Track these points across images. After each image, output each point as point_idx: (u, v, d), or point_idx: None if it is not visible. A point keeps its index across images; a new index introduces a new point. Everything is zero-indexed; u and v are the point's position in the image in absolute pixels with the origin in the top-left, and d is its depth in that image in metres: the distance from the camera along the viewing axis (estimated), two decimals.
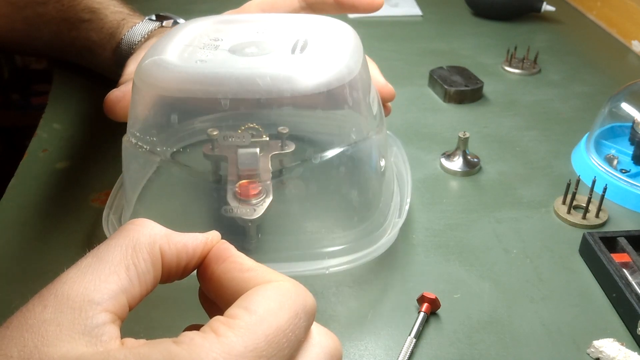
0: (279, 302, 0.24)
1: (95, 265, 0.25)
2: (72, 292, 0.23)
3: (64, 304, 0.23)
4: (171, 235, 0.27)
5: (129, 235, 0.26)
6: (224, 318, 0.24)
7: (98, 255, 0.25)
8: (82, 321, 0.23)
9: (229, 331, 0.23)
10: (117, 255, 0.25)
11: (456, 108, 0.72)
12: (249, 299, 0.24)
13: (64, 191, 0.55)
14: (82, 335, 0.22)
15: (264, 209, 0.46)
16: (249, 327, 0.23)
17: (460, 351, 0.40)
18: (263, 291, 0.25)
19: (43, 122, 0.66)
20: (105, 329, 0.23)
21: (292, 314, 0.24)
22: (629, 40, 0.92)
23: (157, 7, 0.99)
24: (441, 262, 0.48)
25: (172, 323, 0.42)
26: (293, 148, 0.54)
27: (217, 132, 0.52)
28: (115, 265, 0.25)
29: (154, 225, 0.27)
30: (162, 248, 0.26)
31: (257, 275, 0.26)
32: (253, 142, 0.52)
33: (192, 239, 0.28)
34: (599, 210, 0.53)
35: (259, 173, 0.49)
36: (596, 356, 0.40)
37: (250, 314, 0.23)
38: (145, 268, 0.25)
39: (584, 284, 0.46)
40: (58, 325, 0.22)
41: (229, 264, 0.27)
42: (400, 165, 0.54)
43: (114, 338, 0.23)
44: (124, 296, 0.24)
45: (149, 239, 0.26)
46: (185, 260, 0.27)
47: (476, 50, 0.88)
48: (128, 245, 0.26)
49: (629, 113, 0.61)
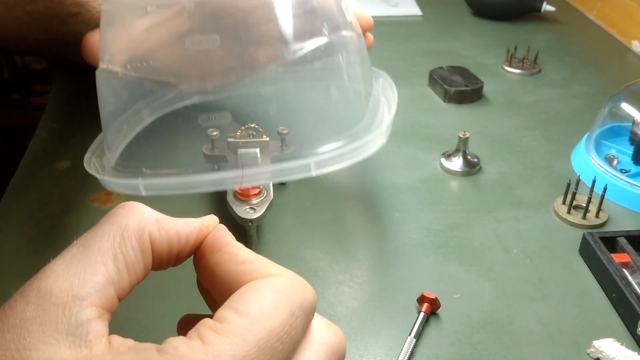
0: (273, 301, 0.23)
1: (81, 255, 0.23)
2: (56, 287, 0.22)
3: (47, 301, 0.22)
4: (162, 221, 0.26)
5: (117, 222, 0.25)
6: (212, 322, 0.22)
7: (84, 245, 0.24)
8: (66, 319, 0.21)
9: (216, 338, 0.21)
10: (104, 243, 0.24)
11: (456, 108, 0.72)
12: (241, 298, 0.23)
13: (64, 191, 0.55)
14: (65, 336, 0.21)
15: (264, 209, 0.46)
16: (238, 333, 0.21)
17: (460, 351, 0.40)
18: (256, 289, 0.23)
19: (43, 122, 0.66)
20: (91, 326, 0.22)
21: (287, 313, 0.23)
22: (629, 40, 0.92)
23: None
24: (441, 262, 0.48)
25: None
26: (293, 148, 0.54)
27: (217, 132, 0.52)
28: (102, 254, 0.23)
29: (145, 209, 0.26)
30: (152, 235, 0.25)
31: (253, 269, 0.25)
32: (253, 142, 0.52)
33: (185, 225, 0.26)
34: (599, 210, 0.53)
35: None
36: (596, 356, 0.40)
37: (240, 316, 0.22)
38: (135, 257, 0.24)
39: (584, 284, 0.46)
40: (40, 324, 0.21)
41: (224, 254, 0.25)
42: (387, 90, 0.50)
43: (99, 336, 0.22)
44: (111, 288, 0.23)
45: (138, 225, 0.25)
46: (178, 247, 0.26)
47: (476, 50, 0.88)
48: (116, 232, 0.24)
49: (629, 113, 0.61)
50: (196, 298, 0.30)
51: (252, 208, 0.46)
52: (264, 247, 0.49)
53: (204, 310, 0.29)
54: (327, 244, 0.50)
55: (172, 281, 0.44)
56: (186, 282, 0.35)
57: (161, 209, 0.27)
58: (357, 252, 0.49)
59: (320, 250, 0.49)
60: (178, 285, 0.43)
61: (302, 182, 0.57)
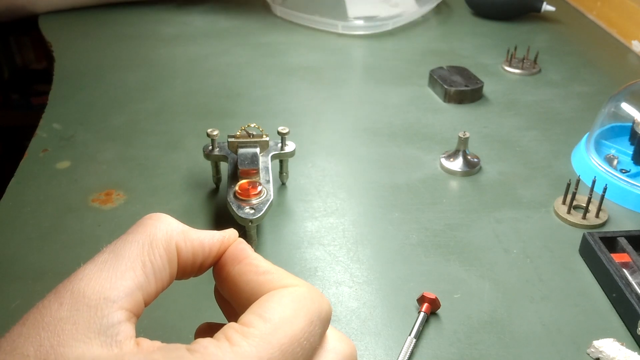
0: (294, 309, 0.24)
1: (112, 261, 0.24)
2: (88, 289, 0.23)
3: (80, 302, 0.23)
4: (188, 232, 0.27)
5: (145, 231, 0.26)
6: (239, 326, 0.23)
7: (115, 251, 0.25)
8: (98, 320, 0.22)
9: (243, 340, 0.22)
10: (133, 251, 0.25)
11: (456, 108, 0.72)
12: (264, 305, 0.24)
13: (64, 191, 0.55)
14: (97, 335, 0.22)
15: (264, 209, 0.46)
16: (263, 337, 0.22)
17: (460, 351, 0.40)
18: (278, 297, 0.24)
19: (43, 122, 0.66)
20: (121, 328, 0.23)
21: (307, 321, 0.24)
22: (629, 40, 0.92)
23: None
24: (441, 262, 0.48)
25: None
26: (293, 148, 0.54)
27: (217, 132, 0.52)
28: (131, 261, 0.25)
29: (171, 220, 0.27)
30: (178, 245, 0.26)
31: (273, 279, 0.26)
32: (253, 142, 0.52)
33: (209, 236, 0.27)
34: (599, 210, 0.53)
35: (259, 173, 0.50)
36: (596, 356, 0.40)
37: (265, 322, 0.23)
38: (162, 265, 0.25)
39: (584, 284, 0.46)
40: (74, 324, 0.22)
41: (245, 265, 0.27)
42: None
43: (128, 337, 0.23)
44: (139, 293, 0.24)
45: (165, 235, 0.26)
46: (201, 258, 0.27)
47: (476, 50, 0.88)
48: (145, 241, 0.25)
49: (629, 113, 0.61)
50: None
51: (252, 208, 0.46)
52: (264, 247, 0.49)
53: (220, 319, 0.29)
54: (327, 244, 0.50)
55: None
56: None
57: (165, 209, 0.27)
58: (357, 252, 0.49)
59: (320, 250, 0.49)
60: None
61: (302, 182, 0.57)
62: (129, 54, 0.84)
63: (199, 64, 0.82)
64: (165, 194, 0.55)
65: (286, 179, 0.56)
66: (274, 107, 0.71)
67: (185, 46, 0.87)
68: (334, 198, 0.55)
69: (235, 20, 0.97)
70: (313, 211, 0.54)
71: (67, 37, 0.89)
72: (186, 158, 0.61)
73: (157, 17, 0.97)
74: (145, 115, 0.69)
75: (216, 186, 0.56)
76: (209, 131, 0.52)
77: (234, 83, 0.77)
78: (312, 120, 0.69)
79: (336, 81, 0.78)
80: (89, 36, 0.90)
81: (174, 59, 0.83)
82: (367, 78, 0.80)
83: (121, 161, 0.60)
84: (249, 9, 1.01)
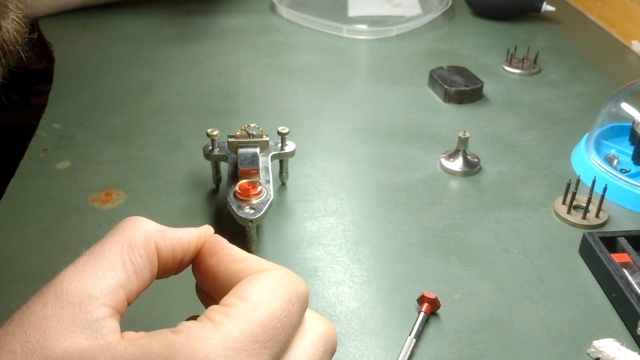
0: (272, 289, 0.25)
1: (93, 262, 0.25)
2: (71, 289, 0.24)
3: (63, 300, 0.23)
4: (165, 231, 0.28)
5: (124, 233, 0.27)
6: (220, 307, 0.24)
7: (95, 253, 0.26)
8: (82, 316, 0.23)
9: (225, 319, 0.23)
10: (113, 251, 0.26)
11: (456, 108, 0.72)
12: (243, 287, 0.25)
13: (64, 191, 0.55)
14: (82, 329, 0.23)
15: (264, 209, 0.46)
16: (244, 314, 0.23)
17: (460, 351, 0.40)
18: (256, 280, 0.25)
19: (43, 122, 0.66)
20: (105, 322, 0.23)
21: (285, 300, 0.25)
22: (629, 40, 0.92)
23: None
24: (441, 262, 0.48)
25: (170, 317, 0.42)
26: (293, 148, 0.54)
27: (217, 132, 0.52)
28: (112, 261, 0.25)
29: (148, 222, 0.28)
30: (157, 243, 0.27)
31: (250, 266, 0.26)
32: (253, 142, 0.52)
33: (186, 233, 0.28)
34: (599, 210, 0.53)
35: (259, 173, 0.50)
36: (596, 356, 0.40)
37: (244, 301, 0.24)
38: (142, 263, 0.26)
39: (584, 284, 0.46)
40: (59, 320, 0.23)
41: (222, 256, 0.27)
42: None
43: (113, 331, 0.23)
44: (122, 291, 0.25)
45: (143, 235, 0.27)
46: (181, 254, 0.28)
47: (476, 50, 0.88)
48: (124, 242, 0.26)
49: (629, 113, 0.61)
50: (195, 306, 0.30)
51: (252, 208, 0.46)
52: (264, 247, 0.49)
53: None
54: (327, 244, 0.50)
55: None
56: (185, 291, 0.35)
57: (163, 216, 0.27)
58: (357, 252, 0.49)
59: (320, 250, 0.49)
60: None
61: (302, 182, 0.57)
62: (129, 54, 0.84)
63: (199, 64, 0.82)
64: (165, 194, 0.55)
65: (286, 179, 0.56)
66: (274, 107, 0.71)
67: (185, 46, 0.87)
68: (334, 198, 0.55)
69: (236, 20, 0.97)
70: (313, 211, 0.54)
71: (67, 37, 0.89)
72: (186, 158, 0.61)
73: (157, 17, 0.97)
74: (145, 115, 0.68)
75: (216, 186, 0.56)
76: (209, 131, 0.52)
77: (234, 83, 0.77)
78: (312, 120, 0.69)
79: (336, 81, 0.78)
80: (89, 36, 0.90)
81: (174, 59, 0.83)
82: (367, 78, 0.80)
83: (121, 161, 0.60)
84: (251, 10, 1.01)
